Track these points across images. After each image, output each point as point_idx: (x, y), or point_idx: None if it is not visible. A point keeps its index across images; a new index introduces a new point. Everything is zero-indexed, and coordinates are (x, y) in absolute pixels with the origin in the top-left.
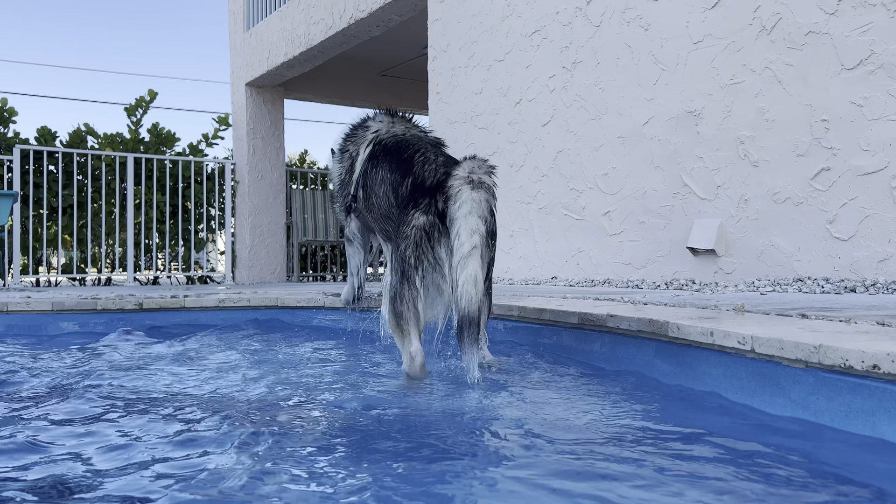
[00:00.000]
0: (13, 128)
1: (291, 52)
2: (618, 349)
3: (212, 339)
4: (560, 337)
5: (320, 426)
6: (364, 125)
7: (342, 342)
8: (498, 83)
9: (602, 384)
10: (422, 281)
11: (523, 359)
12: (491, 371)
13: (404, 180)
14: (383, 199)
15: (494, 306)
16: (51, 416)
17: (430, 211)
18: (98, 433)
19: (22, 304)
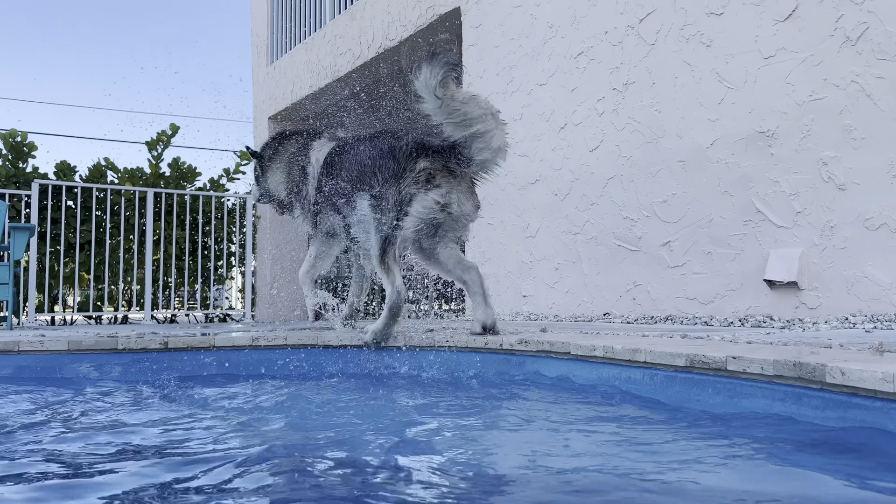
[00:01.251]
0: (32, 163)
1: (317, 83)
2: (741, 399)
3: (247, 387)
4: (660, 384)
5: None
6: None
7: (418, 389)
8: (540, 108)
9: (761, 446)
10: None
11: (627, 413)
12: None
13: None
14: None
15: (563, 344)
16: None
17: None
18: None
19: (35, 343)
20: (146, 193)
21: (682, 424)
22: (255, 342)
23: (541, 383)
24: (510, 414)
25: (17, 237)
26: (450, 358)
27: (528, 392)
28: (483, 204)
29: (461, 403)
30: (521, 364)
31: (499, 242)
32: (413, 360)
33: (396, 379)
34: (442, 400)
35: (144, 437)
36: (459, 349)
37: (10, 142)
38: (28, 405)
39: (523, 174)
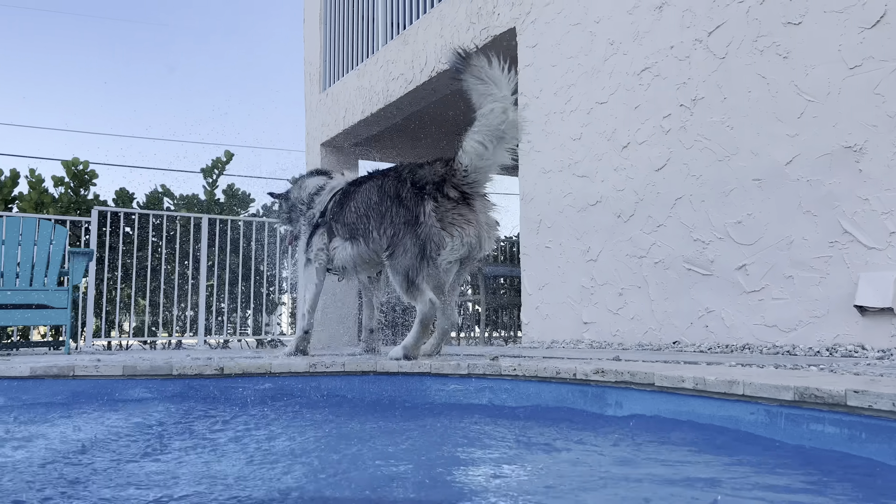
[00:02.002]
0: (93, 190)
1: (369, 109)
2: (867, 441)
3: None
4: (762, 420)
5: None
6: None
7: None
8: (601, 127)
9: None
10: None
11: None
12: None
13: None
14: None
15: (645, 375)
16: None
17: None
18: None
19: (90, 367)
20: (201, 220)
21: (802, 472)
22: (313, 368)
23: (621, 418)
24: (593, 454)
25: (76, 262)
26: (516, 388)
27: (609, 428)
28: (540, 227)
29: (528, 440)
30: (598, 396)
31: (556, 266)
32: (476, 388)
33: (458, 410)
34: (505, 434)
35: (199, 465)
36: (528, 378)
37: (73, 170)
38: (82, 430)
39: (583, 195)
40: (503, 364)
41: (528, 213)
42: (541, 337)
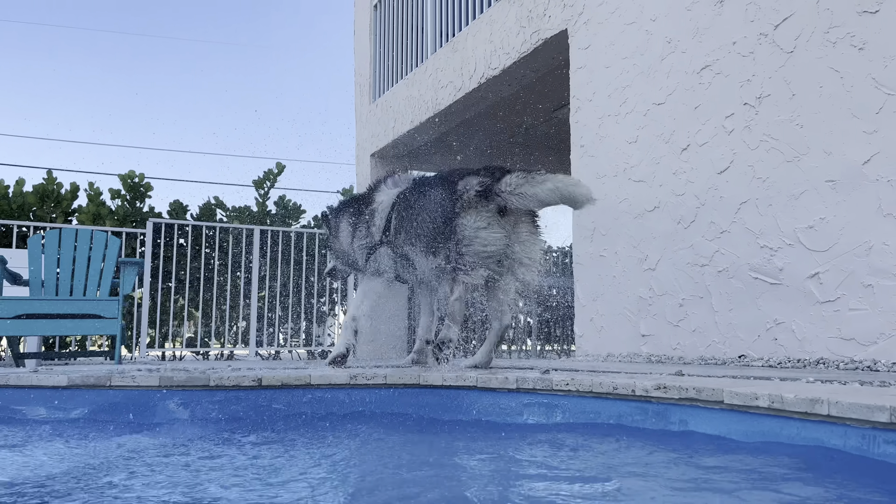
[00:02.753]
0: (148, 202)
1: (418, 118)
2: None
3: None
4: (853, 445)
5: None
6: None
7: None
8: (658, 129)
9: None
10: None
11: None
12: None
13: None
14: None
15: (713, 391)
16: None
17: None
18: None
19: (127, 378)
20: (253, 231)
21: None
22: (354, 380)
23: (686, 438)
24: (657, 479)
25: (127, 272)
26: (569, 404)
27: (671, 449)
28: (594, 234)
29: (584, 462)
30: (659, 414)
31: (612, 276)
32: (526, 403)
33: (505, 426)
34: (557, 455)
35: (227, 481)
36: (582, 394)
37: (129, 182)
38: (112, 442)
39: (640, 201)
40: (555, 378)
41: (581, 221)
42: (595, 350)
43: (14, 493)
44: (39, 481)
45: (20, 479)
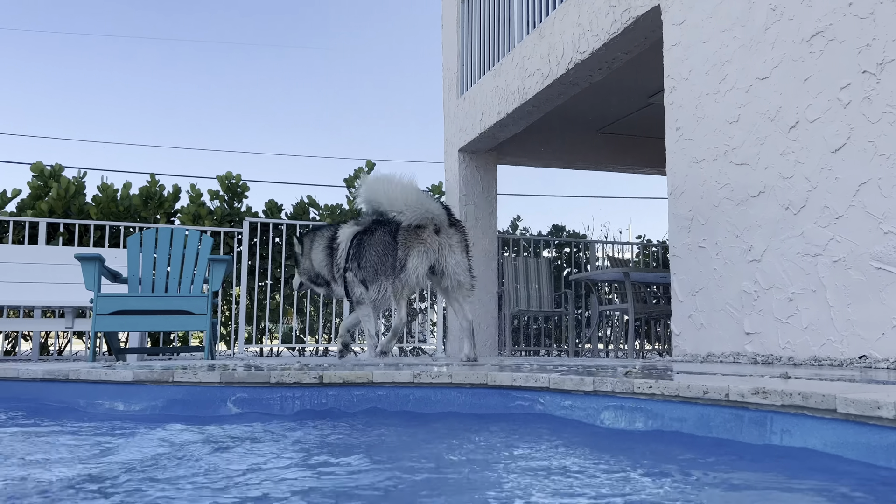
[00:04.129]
0: (245, 202)
1: (504, 109)
2: None
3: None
4: None
5: None
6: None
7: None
8: (762, 106)
9: None
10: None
11: None
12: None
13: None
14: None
15: (823, 398)
16: None
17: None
18: None
19: (189, 374)
20: None
21: None
22: (417, 378)
23: (788, 453)
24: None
25: (216, 270)
26: (652, 409)
27: (771, 464)
28: (692, 224)
29: (668, 477)
30: (757, 423)
31: (712, 269)
32: (602, 407)
33: (578, 433)
34: (635, 467)
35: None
36: (667, 398)
37: (227, 183)
38: (170, 438)
39: (742, 185)
40: (636, 381)
41: (677, 210)
42: (694, 349)
43: (92, 482)
44: (112, 471)
45: (94, 469)
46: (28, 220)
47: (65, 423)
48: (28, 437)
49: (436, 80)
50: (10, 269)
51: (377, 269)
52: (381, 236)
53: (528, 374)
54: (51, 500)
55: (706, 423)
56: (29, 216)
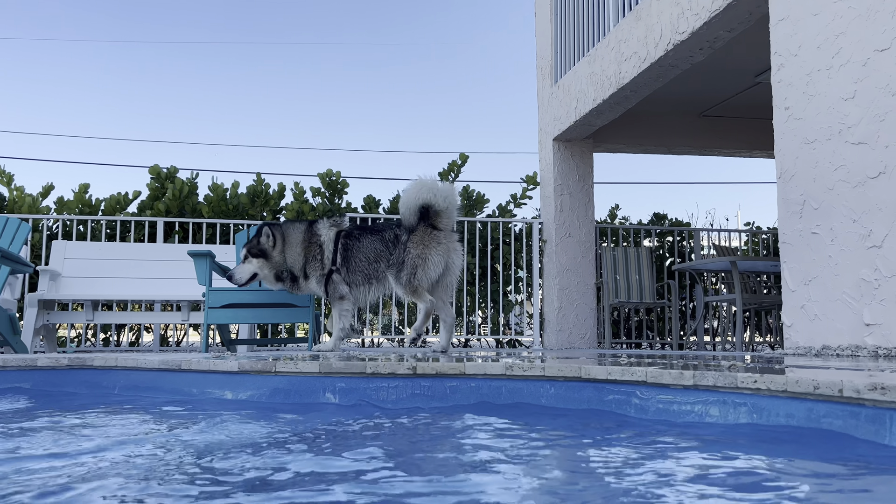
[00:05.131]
0: (345, 198)
1: (600, 96)
2: None
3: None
4: None
5: None
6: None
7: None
8: (881, 80)
9: None
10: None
11: None
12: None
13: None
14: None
15: None
16: None
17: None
18: None
19: (290, 364)
20: None
21: None
22: (510, 371)
23: None
24: None
25: None
26: (757, 405)
27: (890, 467)
28: (803, 209)
29: (782, 481)
30: (874, 420)
31: (827, 256)
32: (703, 402)
33: (676, 428)
34: (746, 469)
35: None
36: (773, 393)
37: (327, 180)
38: (273, 426)
39: (860, 166)
40: (740, 376)
41: (788, 194)
42: (808, 342)
43: (204, 466)
44: (223, 455)
45: (205, 453)
46: (147, 220)
47: (175, 408)
48: (156, 421)
49: (529, 70)
50: (132, 266)
51: (367, 274)
52: (372, 244)
53: (624, 368)
54: (159, 479)
55: (816, 420)
56: (148, 216)
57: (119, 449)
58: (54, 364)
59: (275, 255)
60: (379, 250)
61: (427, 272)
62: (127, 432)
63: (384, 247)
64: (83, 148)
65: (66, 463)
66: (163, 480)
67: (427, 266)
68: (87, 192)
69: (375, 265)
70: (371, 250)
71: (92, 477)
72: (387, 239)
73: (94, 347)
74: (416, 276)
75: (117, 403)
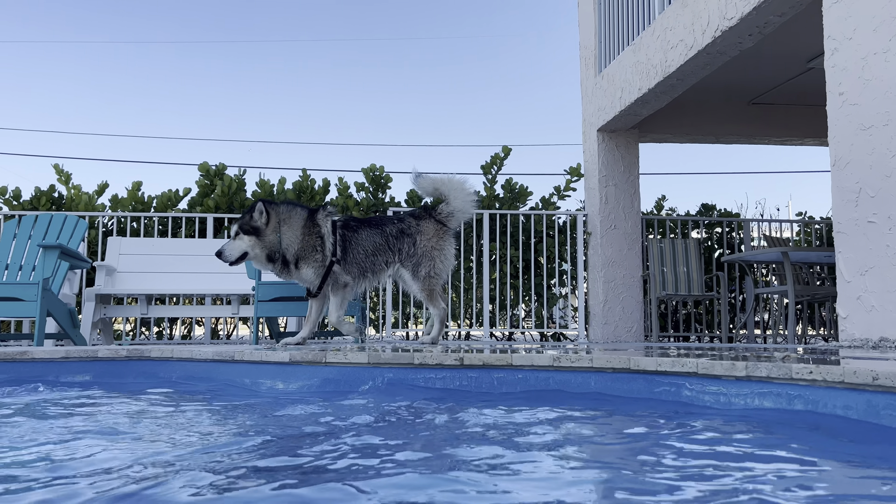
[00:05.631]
0: (389, 193)
1: (646, 85)
2: None
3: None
4: None
5: None
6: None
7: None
8: None
9: None
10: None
11: None
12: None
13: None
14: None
15: None
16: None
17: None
18: None
19: (340, 355)
20: (482, 215)
21: None
22: (557, 362)
23: None
24: None
25: None
26: (814, 397)
27: None
28: (859, 197)
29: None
30: None
31: (884, 245)
32: (758, 394)
33: (732, 420)
34: (808, 461)
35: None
36: (830, 384)
37: (371, 175)
38: (325, 414)
39: None
40: (794, 367)
41: (842, 182)
42: (864, 333)
43: (267, 449)
44: (283, 442)
45: (265, 440)
46: (197, 216)
47: (230, 398)
48: (218, 410)
49: (572, 61)
50: (184, 261)
51: (364, 267)
52: (371, 237)
53: (674, 359)
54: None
55: (875, 412)
56: (198, 212)
57: (187, 434)
58: (114, 355)
59: (268, 233)
60: (378, 244)
61: (446, 264)
62: (193, 419)
63: (384, 240)
64: (136, 147)
65: (142, 445)
66: (235, 465)
67: (445, 258)
68: (140, 189)
69: (373, 258)
70: (370, 243)
71: (175, 460)
72: (388, 233)
73: (148, 341)
74: (435, 267)
75: (178, 392)
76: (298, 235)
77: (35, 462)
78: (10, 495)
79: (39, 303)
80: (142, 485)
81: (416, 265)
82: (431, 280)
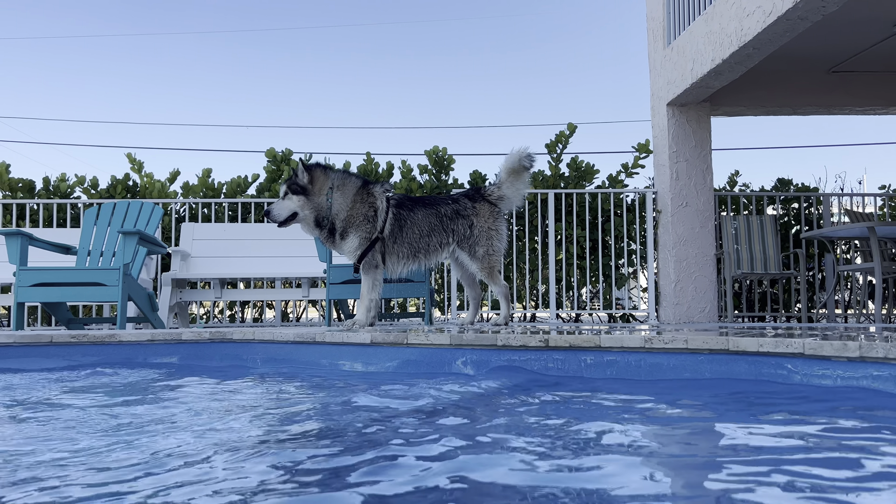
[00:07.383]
0: (452, 175)
1: (719, 55)
2: None
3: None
4: None
5: None
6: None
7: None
8: None
9: None
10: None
11: None
12: None
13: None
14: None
15: None
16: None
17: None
18: None
19: (421, 336)
20: (547, 195)
21: None
22: (649, 343)
23: None
24: None
25: None
26: None
27: None
28: None
29: None
30: None
31: None
32: (871, 377)
33: (851, 402)
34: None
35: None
36: None
37: (434, 157)
38: (405, 395)
39: None
40: None
41: None
42: None
43: (358, 424)
44: (375, 419)
45: (359, 417)
46: (266, 201)
47: (312, 377)
48: (307, 387)
49: (639, 35)
50: (255, 245)
51: (416, 248)
52: (427, 217)
53: (778, 339)
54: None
55: None
56: (266, 197)
57: (278, 411)
58: (197, 338)
59: (316, 194)
60: (433, 224)
61: (503, 243)
62: (287, 398)
63: (439, 221)
64: (205, 135)
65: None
66: (340, 436)
67: (501, 237)
68: (210, 176)
69: (428, 239)
70: (426, 224)
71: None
72: (443, 214)
73: (221, 323)
74: (493, 246)
75: (260, 374)
76: (349, 203)
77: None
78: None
79: (121, 287)
80: (266, 449)
81: (473, 245)
82: (490, 258)
